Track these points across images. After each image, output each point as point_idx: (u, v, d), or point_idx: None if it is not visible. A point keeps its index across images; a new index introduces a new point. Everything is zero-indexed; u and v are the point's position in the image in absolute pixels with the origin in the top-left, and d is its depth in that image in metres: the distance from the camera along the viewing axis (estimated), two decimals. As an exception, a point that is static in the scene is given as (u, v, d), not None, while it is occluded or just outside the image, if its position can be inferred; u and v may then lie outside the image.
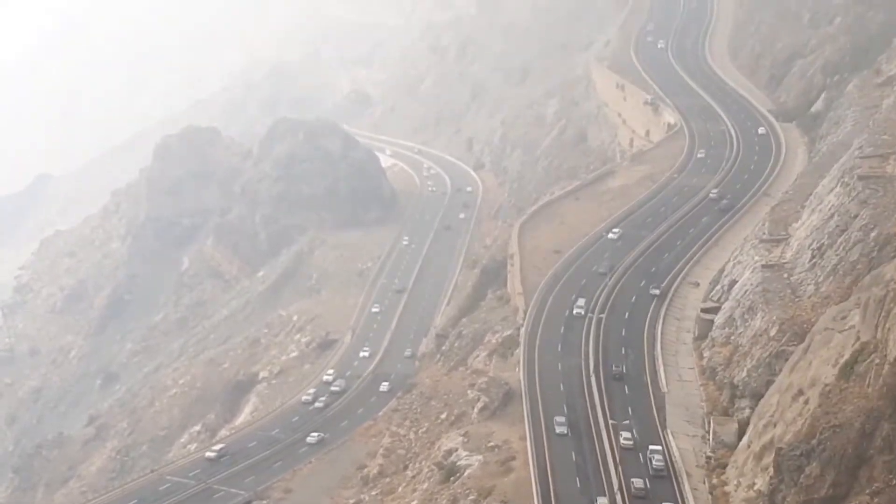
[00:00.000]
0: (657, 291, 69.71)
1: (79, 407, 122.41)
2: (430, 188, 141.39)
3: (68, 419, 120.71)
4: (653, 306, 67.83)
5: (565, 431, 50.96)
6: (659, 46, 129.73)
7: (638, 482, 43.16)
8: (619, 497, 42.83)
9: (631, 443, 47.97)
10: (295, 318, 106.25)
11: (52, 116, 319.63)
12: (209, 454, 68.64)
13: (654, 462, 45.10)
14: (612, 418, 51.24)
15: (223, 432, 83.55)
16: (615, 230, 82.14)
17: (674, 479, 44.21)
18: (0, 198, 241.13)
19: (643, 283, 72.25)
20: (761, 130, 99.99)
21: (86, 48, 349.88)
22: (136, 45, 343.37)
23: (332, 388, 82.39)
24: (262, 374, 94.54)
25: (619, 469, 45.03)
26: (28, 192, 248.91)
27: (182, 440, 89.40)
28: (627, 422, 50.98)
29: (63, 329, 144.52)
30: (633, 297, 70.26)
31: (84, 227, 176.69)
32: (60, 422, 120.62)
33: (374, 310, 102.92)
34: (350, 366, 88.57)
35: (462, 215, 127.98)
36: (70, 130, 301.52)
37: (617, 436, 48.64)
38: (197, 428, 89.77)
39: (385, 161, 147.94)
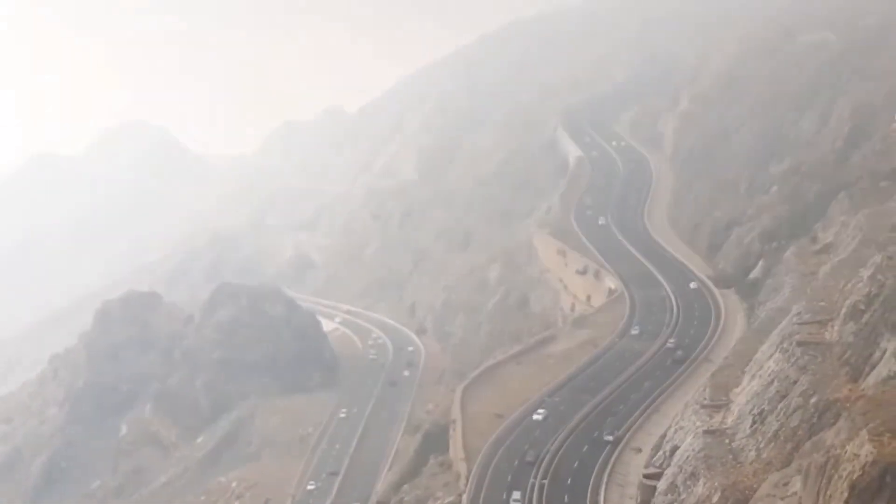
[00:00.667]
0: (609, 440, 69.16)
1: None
2: (371, 355, 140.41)
3: None
4: (595, 472, 64.41)
5: None
6: (600, 223, 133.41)
7: None
8: None
9: None
10: (234, 484, 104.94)
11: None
12: None
13: None
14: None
15: None
16: (540, 411, 78.60)
17: None
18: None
19: (585, 448, 68.93)
20: (693, 285, 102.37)
21: (30, 213, 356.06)
22: (78, 211, 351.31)
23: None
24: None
25: None
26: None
27: None
28: None
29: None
30: (576, 463, 66.77)
31: (21, 392, 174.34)
32: None
33: (309, 487, 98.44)
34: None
35: (406, 373, 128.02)
36: (9, 296, 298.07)
37: None
38: None
39: (328, 325, 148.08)
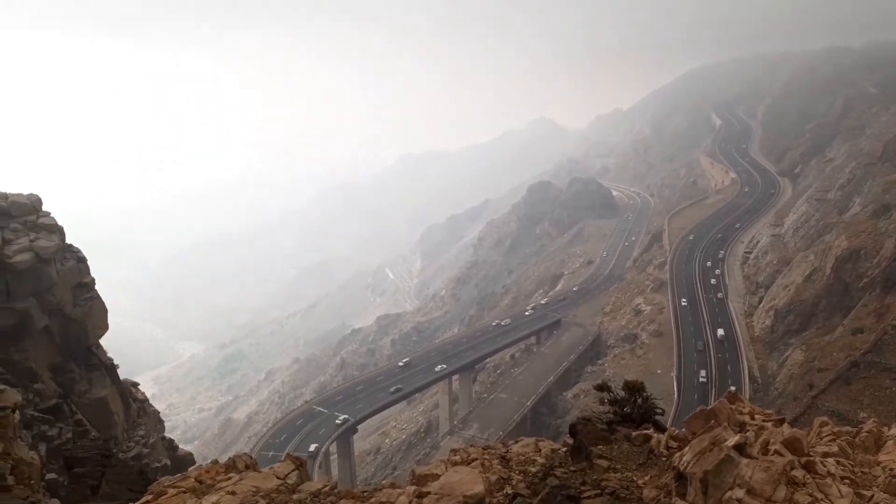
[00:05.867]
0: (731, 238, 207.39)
1: None
2: (636, 200, 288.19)
3: None
4: (725, 247, 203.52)
5: None
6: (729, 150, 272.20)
7: None
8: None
9: None
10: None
11: None
12: None
13: None
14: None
15: None
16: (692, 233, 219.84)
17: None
18: None
19: (719, 236, 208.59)
20: (771, 179, 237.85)
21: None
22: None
23: None
24: None
25: None
26: None
27: None
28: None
29: None
30: (715, 241, 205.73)
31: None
32: None
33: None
34: None
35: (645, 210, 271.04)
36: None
37: None
38: None
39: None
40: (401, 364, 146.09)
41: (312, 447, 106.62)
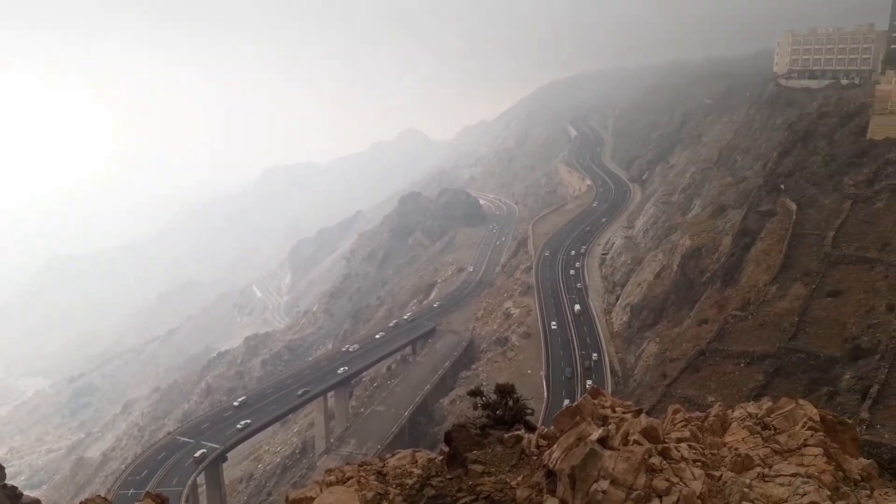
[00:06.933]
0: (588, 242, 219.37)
1: None
2: (501, 210, 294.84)
3: None
4: (583, 250, 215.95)
5: None
6: (582, 160, 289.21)
7: None
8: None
9: None
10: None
11: None
12: None
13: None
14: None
15: None
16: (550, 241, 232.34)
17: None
18: None
19: (580, 244, 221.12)
20: (624, 187, 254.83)
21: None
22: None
23: None
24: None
25: None
26: None
27: None
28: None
29: None
30: (573, 248, 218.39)
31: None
32: None
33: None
34: None
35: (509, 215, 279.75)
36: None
37: None
38: None
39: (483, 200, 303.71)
40: (235, 404, 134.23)
41: (176, 481, 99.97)
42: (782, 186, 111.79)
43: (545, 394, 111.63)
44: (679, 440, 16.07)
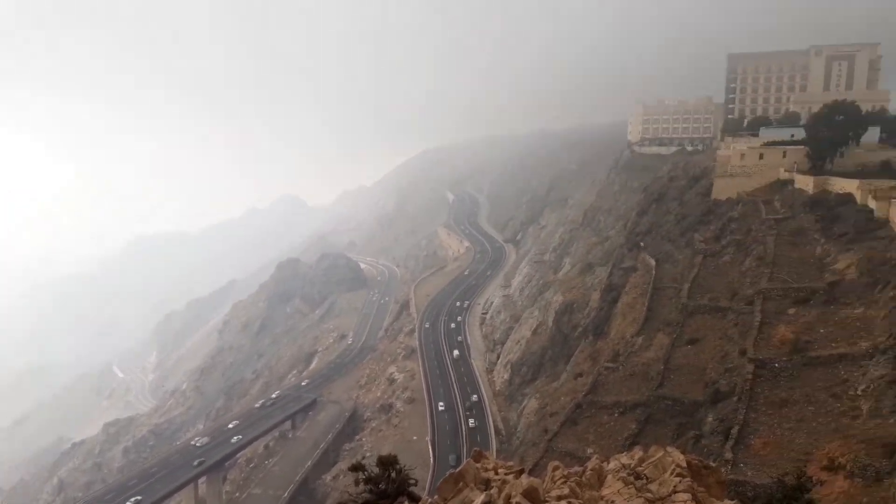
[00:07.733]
0: (467, 303, 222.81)
1: None
2: (384, 276, 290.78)
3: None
4: (463, 311, 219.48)
5: None
6: (461, 225, 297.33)
7: None
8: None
9: None
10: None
11: None
12: None
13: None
14: None
15: None
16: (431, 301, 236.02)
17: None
18: None
19: (458, 303, 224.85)
20: (498, 245, 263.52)
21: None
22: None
23: None
24: None
25: None
26: None
27: None
28: None
29: None
30: (457, 306, 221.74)
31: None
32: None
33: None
34: None
35: (392, 280, 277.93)
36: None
37: None
38: None
39: (364, 264, 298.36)
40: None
41: None
42: (642, 244, 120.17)
43: (431, 459, 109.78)
44: (559, 497, 16.03)
